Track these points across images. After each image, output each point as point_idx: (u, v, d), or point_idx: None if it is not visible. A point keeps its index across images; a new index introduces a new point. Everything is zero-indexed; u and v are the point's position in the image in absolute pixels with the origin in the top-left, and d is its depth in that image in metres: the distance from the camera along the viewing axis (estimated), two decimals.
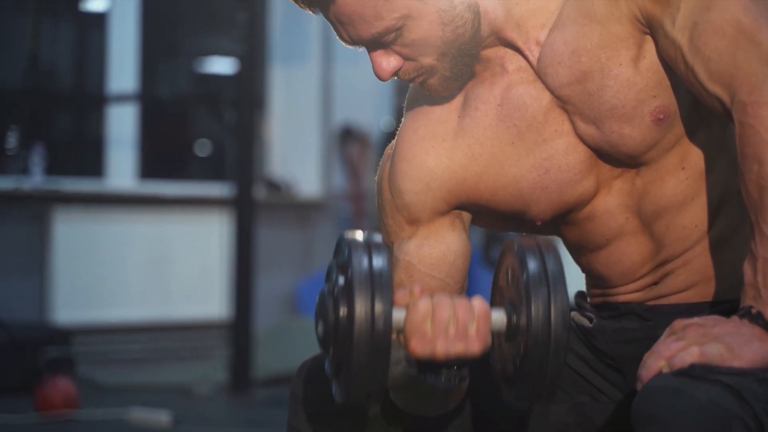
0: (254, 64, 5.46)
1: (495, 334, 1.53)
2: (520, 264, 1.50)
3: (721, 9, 1.52)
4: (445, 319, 1.49)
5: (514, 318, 1.50)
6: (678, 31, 1.55)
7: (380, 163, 1.79)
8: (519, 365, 1.49)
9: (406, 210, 1.72)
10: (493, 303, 1.59)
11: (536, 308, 1.46)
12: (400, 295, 1.52)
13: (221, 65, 7.42)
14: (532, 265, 1.48)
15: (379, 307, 1.44)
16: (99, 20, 6.81)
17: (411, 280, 1.72)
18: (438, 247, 1.73)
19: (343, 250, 1.50)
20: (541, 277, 1.47)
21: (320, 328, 1.51)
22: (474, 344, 1.49)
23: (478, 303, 1.51)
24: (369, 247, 1.48)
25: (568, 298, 1.48)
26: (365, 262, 1.46)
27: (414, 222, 1.73)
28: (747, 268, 1.46)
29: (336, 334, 1.48)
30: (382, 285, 1.45)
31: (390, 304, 1.45)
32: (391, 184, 1.74)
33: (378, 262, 1.46)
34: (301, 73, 7.28)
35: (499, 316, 1.52)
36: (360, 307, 1.44)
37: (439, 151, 1.71)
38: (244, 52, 5.27)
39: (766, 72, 1.47)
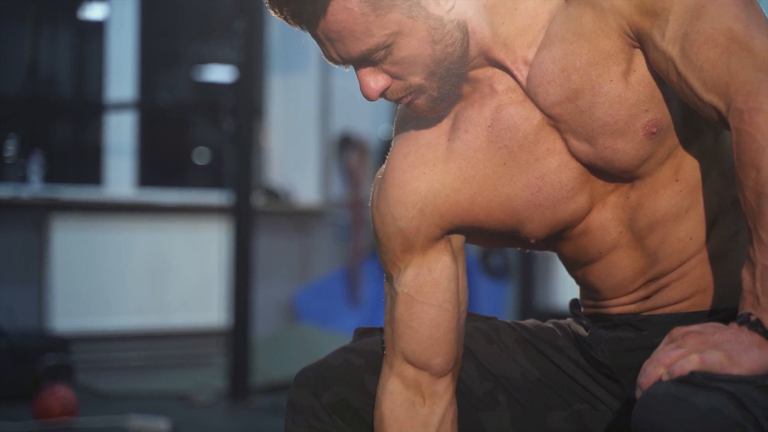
0: (253, 72, 5.46)
1: None
2: None
3: (712, 18, 1.52)
4: None
5: None
6: (668, 43, 1.54)
7: (372, 189, 1.78)
8: None
9: (400, 236, 1.72)
10: None
11: None
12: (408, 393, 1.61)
13: (220, 73, 7.43)
14: None
15: None
16: (98, 29, 6.82)
17: (410, 312, 1.72)
18: (431, 276, 1.72)
19: None
20: None
21: None
22: None
23: None
24: None
25: None
26: None
27: (408, 249, 1.72)
28: (745, 275, 1.45)
29: None
30: None
31: None
32: (384, 211, 1.73)
33: None
34: (300, 81, 7.28)
35: None
36: None
37: (430, 176, 1.70)
38: (242, 61, 5.28)
39: (761, 79, 1.46)
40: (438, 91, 1.63)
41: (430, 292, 1.72)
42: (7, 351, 5.07)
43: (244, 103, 5.32)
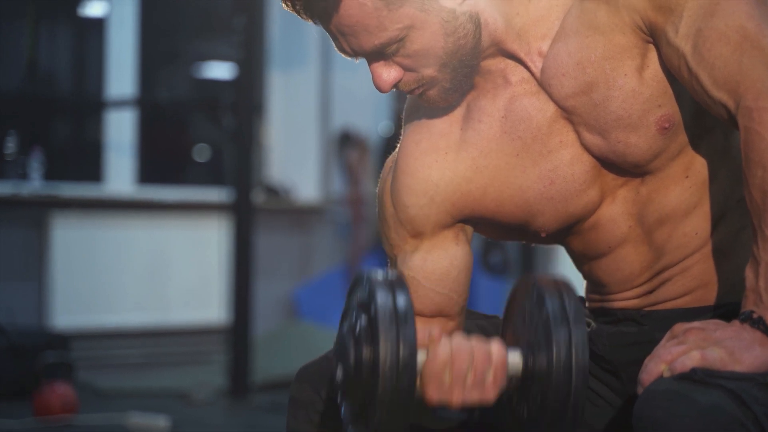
0: (253, 69, 5.46)
1: (510, 378, 1.52)
2: (538, 303, 1.48)
3: (725, 16, 1.52)
4: (464, 368, 1.49)
5: (531, 361, 1.49)
6: (681, 39, 1.54)
7: (381, 175, 1.78)
8: (537, 411, 1.48)
9: (410, 224, 1.72)
10: (505, 340, 1.58)
11: (557, 353, 1.44)
12: (419, 336, 1.52)
13: (220, 70, 7.42)
14: (552, 305, 1.45)
15: (405, 352, 1.40)
16: (98, 25, 6.82)
17: (416, 295, 1.72)
18: (442, 263, 1.72)
19: (363, 287, 1.47)
20: (561, 318, 1.44)
21: (340, 371, 1.47)
22: (490, 393, 1.51)
23: (496, 349, 1.51)
24: (392, 285, 1.45)
25: (587, 341, 1.46)
26: (389, 302, 1.42)
27: (417, 235, 1.72)
28: (749, 273, 1.46)
29: (358, 378, 1.44)
30: (407, 328, 1.42)
31: (415, 349, 1.43)
32: (394, 198, 1.73)
33: (401, 302, 1.43)
34: (300, 78, 7.28)
35: (514, 359, 1.51)
36: (385, 351, 1.40)
37: (442, 164, 1.70)
38: (242, 57, 5.27)
39: None
40: (450, 83, 1.63)
41: (438, 280, 1.72)
42: (6, 348, 5.07)
43: (244, 101, 5.32)
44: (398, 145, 1.76)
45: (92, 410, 4.75)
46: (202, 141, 7.50)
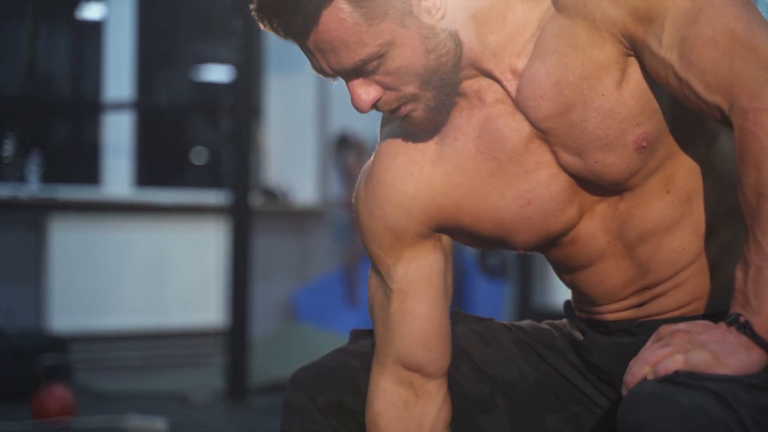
0: (251, 71, 5.47)
1: None
2: None
3: (711, 21, 1.50)
4: None
5: None
6: (666, 49, 1.52)
7: (358, 185, 1.77)
8: None
9: (389, 233, 1.71)
10: None
11: None
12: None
13: (218, 73, 7.43)
14: None
15: None
16: (96, 28, 6.82)
17: (404, 308, 1.72)
18: (421, 272, 1.72)
19: None
20: None
21: None
22: None
23: None
24: None
25: None
26: None
27: (397, 245, 1.71)
28: (738, 274, 1.44)
29: None
30: None
31: None
32: (372, 209, 1.72)
33: None
34: (298, 80, 7.29)
35: None
36: None
37: (418, 177, 1.69)
38: (240, 60, 5.28)
39: (765, 77, 1.45)
40: (434, 101, 1.61)
41: (421, 288, 1.72)
42: (5, 351, 5.07)
43: (242, 103, 5.32)
44: (373, 154, 1.75)
45: (91, 412, 4.76)
46: (200, 144, 7.50)
